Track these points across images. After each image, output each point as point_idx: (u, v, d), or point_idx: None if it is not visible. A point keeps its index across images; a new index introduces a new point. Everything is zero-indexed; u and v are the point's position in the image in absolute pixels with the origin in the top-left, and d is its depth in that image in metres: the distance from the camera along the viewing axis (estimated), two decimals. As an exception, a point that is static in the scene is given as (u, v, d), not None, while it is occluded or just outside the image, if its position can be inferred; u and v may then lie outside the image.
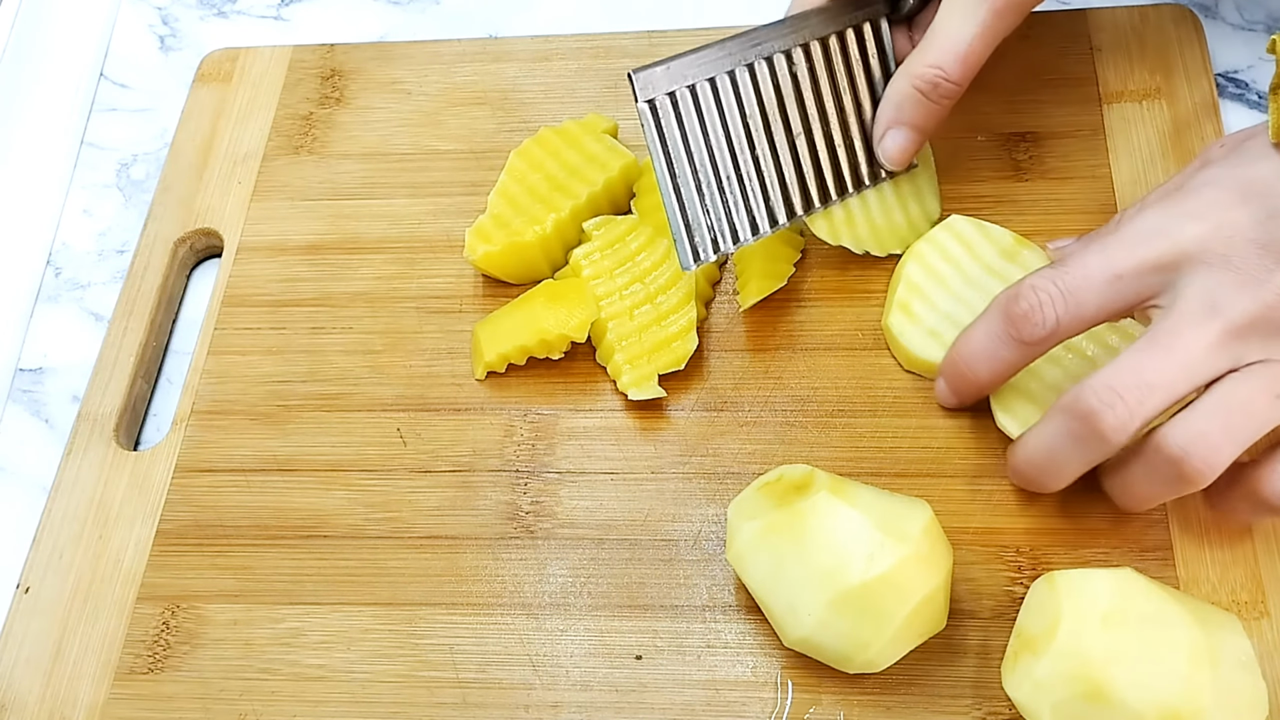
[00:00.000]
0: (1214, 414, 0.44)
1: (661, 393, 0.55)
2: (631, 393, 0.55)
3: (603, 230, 0.58)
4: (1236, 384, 0.44)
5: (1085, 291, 0.46)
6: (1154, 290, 0.45)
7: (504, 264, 0.58)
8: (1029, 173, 0.59)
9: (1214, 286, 0.44)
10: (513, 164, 0.61)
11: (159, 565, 0.55)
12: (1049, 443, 0.47)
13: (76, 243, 0.67)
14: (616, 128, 0.63)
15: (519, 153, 0.61)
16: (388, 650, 0.52)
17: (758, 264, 0.57)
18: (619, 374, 0.56)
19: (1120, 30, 0.62)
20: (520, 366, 0.57)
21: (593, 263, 0.57)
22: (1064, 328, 0.47)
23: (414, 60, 0.68)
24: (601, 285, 0.57)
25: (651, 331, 0.56)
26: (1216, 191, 0.46)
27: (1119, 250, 0.46)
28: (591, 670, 0.50)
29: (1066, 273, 0.46)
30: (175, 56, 0.72)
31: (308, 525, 0.55)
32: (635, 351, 0.56)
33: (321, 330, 0.60)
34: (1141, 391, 0.44)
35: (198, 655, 0.53)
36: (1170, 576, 0.49)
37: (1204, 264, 0.44)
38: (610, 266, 0.57)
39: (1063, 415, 0.46)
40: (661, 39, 0.66)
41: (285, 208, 0.64)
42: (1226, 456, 0.44)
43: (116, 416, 0.59)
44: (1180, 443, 0.44)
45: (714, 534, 0.53)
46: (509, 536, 0.54)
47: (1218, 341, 0.44)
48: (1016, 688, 0.45)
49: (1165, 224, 0.46)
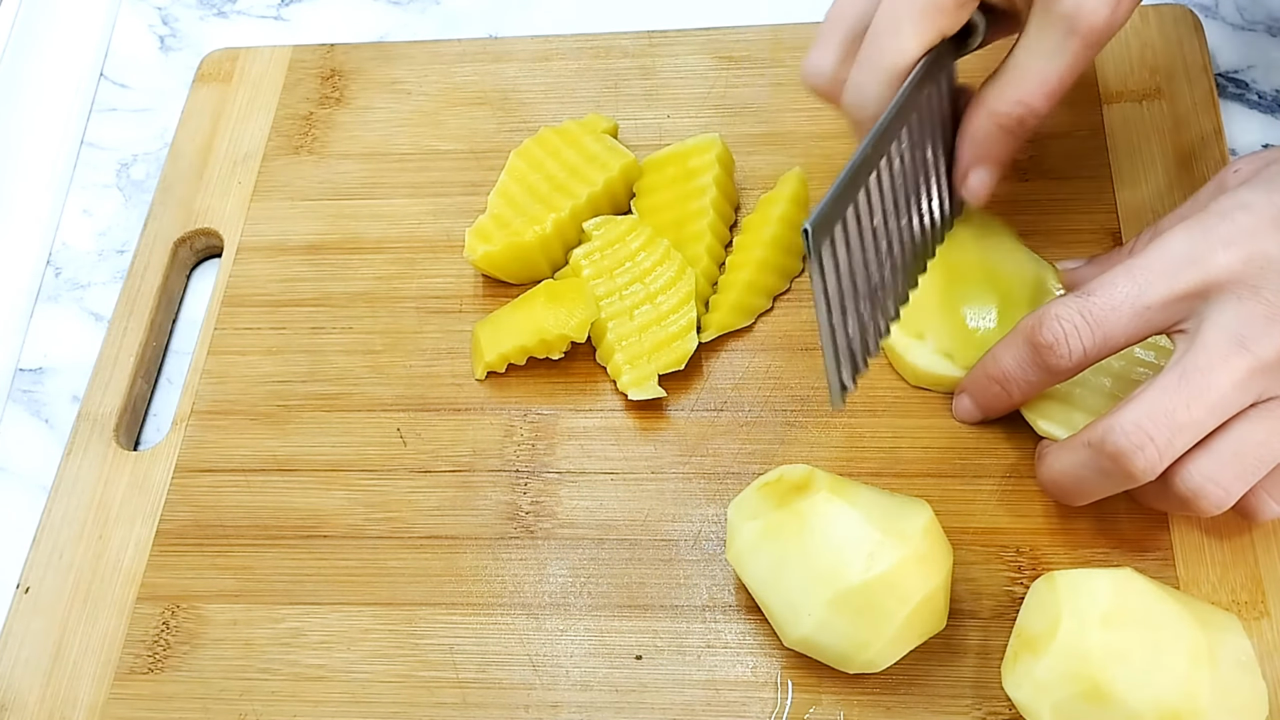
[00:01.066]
0: (1230, 458, 0.44)
1: (662, 393, 0.55)
2: (632, 393, 0.55)
3: (603, 230, 0.58)
4: (1256, 423, 0.44)
5: (1113, 323, 0.45)
6: (1181, 317, 0.45)
7: (504, 264, 0.58)
8: (1029, 172, 0.59)
9: (1243, 319, 0.43)
10: (513, 164, 0.61)
11: (159, 565, 0.55)
12: (1077, 472, 0.47)
13: (76, 243, 0.67)
14: (616, 128, 0.63)
15: (519, 153, 0.61)
16: (388, 650, 0.52)
17: (734, 295, 0.56)
18: (619, 374, 0.56)
19: (1120, 30, 0.62)
20: (520, 366, 0.57)
21: (593, 262, 0.57)
22: (1090, 357, 0.46)
23: (414, 60, 0.68)
24: (602, 285, 0.57)
25: (652, 331, 0.56)
26: (1249, 217, 0.44)
27: (1147, 279, 0.45)
28: (591, 670, 0.50)
29: (1093, 303, 0.46)
30: (175, 56, 0.73)
31: (308, 525, 0.55)
32: (635, 351, 0.56)
33: (321, 330, 0.60)
34: (1171, 433, 0.43)
35: (198, 655, 0.53)
36: (1170, 577, 0.49)
37: (1234, 295, 0.44)
38: (610, 266, 0.57)
39: (1091, 451, 0.46)
40: (662, 39, 0.66)
41: (285, 208, 0.64)
42: (1235, 495, 0.44)
43: (116, 416, 0.59)
44: (1193, 485, 0.44)
45: (714, 534, 0.53)
46: (509, 536, 0.54)
47: (1244, 378, 0.43)
48: (1016, 688, 0.45)
49: (1195, 250, 0.44)
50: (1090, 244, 0.57)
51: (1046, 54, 0.48)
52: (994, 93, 0.49)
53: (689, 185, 0.59)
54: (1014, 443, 0.53)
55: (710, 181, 0.58)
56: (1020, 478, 0.52)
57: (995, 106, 0.49)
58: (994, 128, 0.50)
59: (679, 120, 0.63)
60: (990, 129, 0.50)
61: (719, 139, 0.59)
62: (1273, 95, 0.62)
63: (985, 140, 0.50)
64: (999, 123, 0.50)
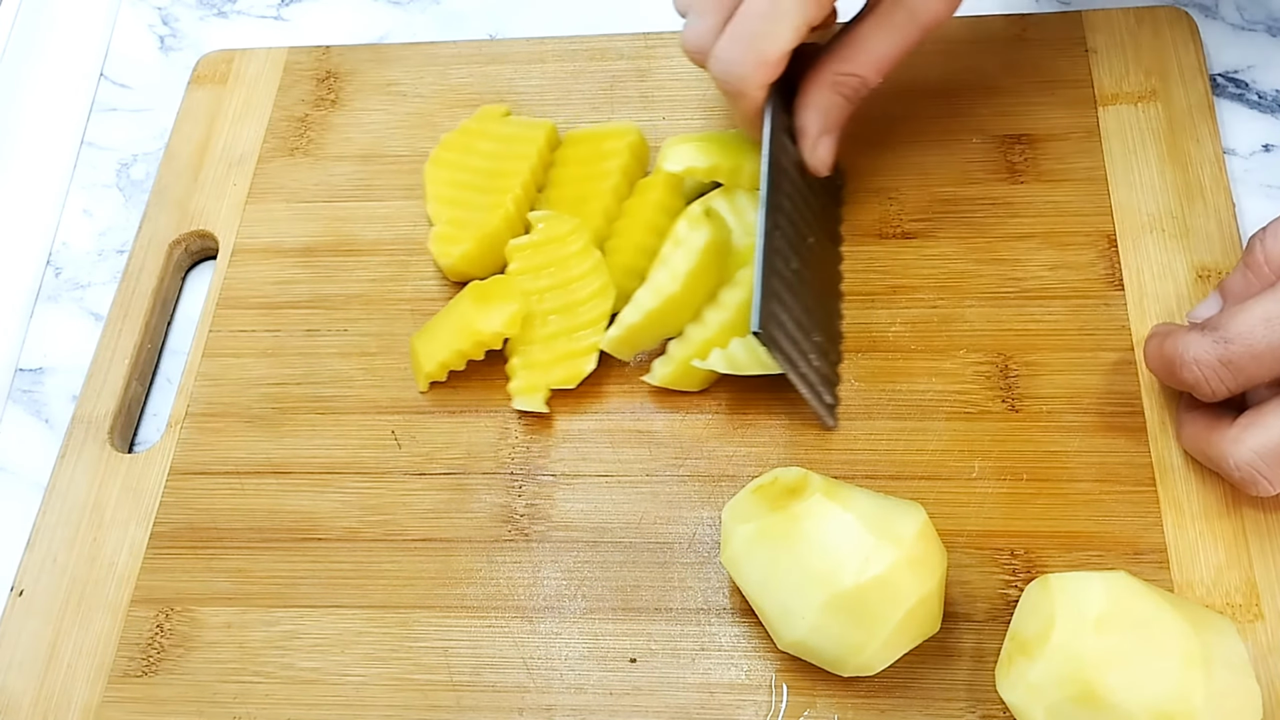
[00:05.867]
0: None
1: (545, 409, 0.55)
2: (516, 401, 0.55)
3: (545, 225, 0.57)
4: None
5: (1254, 370, 0.46)
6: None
7: (480, 259, 0.58)
8: (1024, 175, 0.59)
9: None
10: (431, 174, 0.62)
11: (153, 568, 0.55)
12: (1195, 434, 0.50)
13: (76, 243, 0.67)
14: (509, 110, 0.64)
15: (432, 163, 0.62)
16: (382, 653, 0.52)
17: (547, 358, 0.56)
18: (512, 375, 0.56)
19: (1115, 32, 0.62)
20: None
21: (524, 257, 0.57)
22: (1235, 392, 0.47)
23: (409, 62, 0.68)
24: (527, 282, 0.57)
25: (558, 343, 0.56)
26: None
27: None
28: (585, 673, 0.50)
29: (1232, 350, 0.46)
30: (175, 56, 0.73)
31: (302, 528, 0.55)
32: (533, 359, 0.56)
33: (316, 332, 0.60)
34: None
35: (192, 658, 0.53)
36: (1165, 579, 0.49)
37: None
38: (539, 265, 0.57)
39: None
40: (658, 41, 0.66)
41: (280, 210, 0.64)
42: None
43: (111, 419, 0.59)
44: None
45: (708, 537, 0.53)
46: (503, 539, 0.54)
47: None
48: (1010, 690, 0.45)
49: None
50: (1085, 247, 0.57)
51: (888, 35, 0.53)
52: (830, 63, 0.54)
53: (597, 166, 0.60)
54: (1008, 446, 0.53)
55: (616, 167, 0.59)
56: (1015, 480, 0.52)
57: (832, 77, 0.54)
58: (835, 96, 0.54)
59: (675, 122, 0.63)
60: (832, 97, 0.54)
61: (637, 128, 0.60)
62: (1273, 95, 0.61)
63: (830, 108, 0.54)
64: (840, 91, 0.54)
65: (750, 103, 0.53)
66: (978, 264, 0.57)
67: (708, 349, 0.54)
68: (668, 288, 0.54)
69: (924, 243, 0.58)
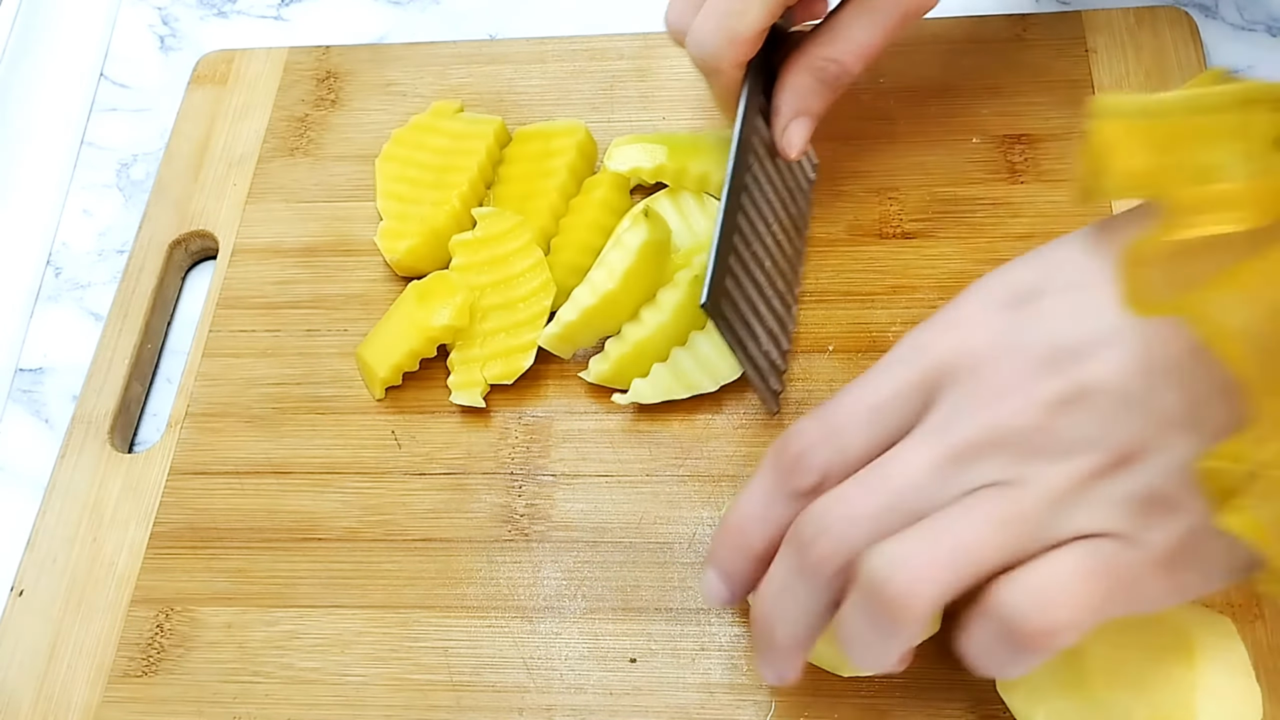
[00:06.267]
0: (920, 538, 0.38)
1: (481, 404, 0.56)
2: (454, 395, 0.56)
3: (487, 221, 0.58)
4: (958, 513, 0.38)
5: (849, 431, 0.41)
6: (916, 416, 0.40)
7: (428, 255, 0.58)
8: (1024, 175, 0.59)
9: (956, 404, 0.39)
10: (384, 170, 0.62)
11: (153, 568, 0.55)
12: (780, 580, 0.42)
13: (76, 243, 0.67)
14: (463, 106, 0.64)
15: (383, 159, 0.62)
16: (382, 653, 0.52)
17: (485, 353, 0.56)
18: (451, 369, 0.56)
19: (1115, 32, 0.62)
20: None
21: (467, 252, 0.57)
22: (834, 474, 0.41)
23: (409, 62, 0.68)
24: (469, 277, 0.57)
25: (497, 339, 0.56)
26: (979, 295, 0.41)
27: (874, 378, 0.41)
28: (585, 673, 0.50)
29: (830, 412, 0.42)
30: (175, 56, 0.73)
31: (302, 528, 0.55)
32: (471, 354, 0.56)
33: (316, 333, 0.60)
34: (845, 524, 0.39)
35: (192, 658, 0.53)
36: (1165, 580, 0.49)
37: (954, 379, 0.39)
38: (480, 262, 0.57)
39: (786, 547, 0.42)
40: (658, 41, 0.65)
41: (280, 210, 0.64)
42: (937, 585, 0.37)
43: (110, 419, 0.59)
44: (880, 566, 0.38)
45: (708, 537, 0.53)
46: (503, 539, 0.54)
47: (936, 466, 0.38)
48: (1011, 691, 0.45)
49: (924, 339, 0.41)
50: (1085, 247, 0.56)
51: (867, 22, 0.53)
52: (812, 49, 0.54)
53: (544, 164, 0.60)
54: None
55: (563, 165, 0.59)
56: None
57: (812, 62, 0.54)
58: (813, 81, 0.54)
59: (674, 123, 0.63)
60: (810, 82, 0.54)
61: (584, 126, 0.61)
62: (1272, 96, 0.61)
63: (807, 93, 0.54)
64: (819, 77, 0.54)
65: (725, 80, 0.53)
66: (978, 264, 0.57)
67: (644, 349, 0.55)
68: (605, 286, 0.54)
69: (924, 243, 0.58)
